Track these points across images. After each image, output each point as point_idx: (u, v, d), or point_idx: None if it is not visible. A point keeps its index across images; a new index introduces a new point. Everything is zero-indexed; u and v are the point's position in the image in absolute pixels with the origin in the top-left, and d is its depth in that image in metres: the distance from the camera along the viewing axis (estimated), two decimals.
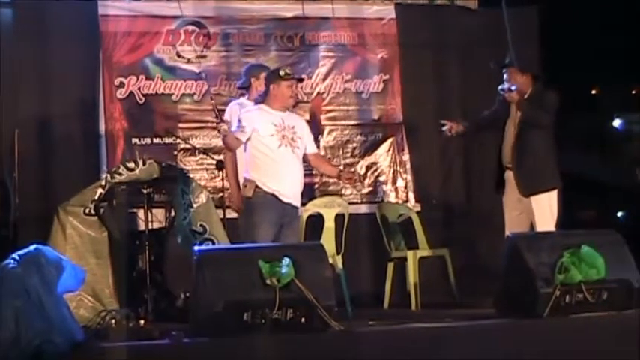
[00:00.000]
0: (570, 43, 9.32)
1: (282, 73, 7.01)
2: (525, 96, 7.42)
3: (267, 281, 5.68)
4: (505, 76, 7.45)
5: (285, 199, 6.92)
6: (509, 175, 7.43)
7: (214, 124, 7.50)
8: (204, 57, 8.71)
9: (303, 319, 5.75)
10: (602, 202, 9.98)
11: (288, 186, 6.94)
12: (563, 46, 9.34)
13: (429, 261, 8.11)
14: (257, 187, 6.85)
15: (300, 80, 7.47)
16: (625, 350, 5.66)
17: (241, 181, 7.09)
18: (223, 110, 8.65)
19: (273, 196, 6.87)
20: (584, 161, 9.98)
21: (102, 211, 7.33)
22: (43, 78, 8.26)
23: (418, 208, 8.91)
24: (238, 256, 5.96)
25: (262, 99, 7.05)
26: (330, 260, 6.44)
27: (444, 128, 7.54)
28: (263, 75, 7.25)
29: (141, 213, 7.46)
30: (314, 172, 8.55)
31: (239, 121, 6.94)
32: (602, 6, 9.18)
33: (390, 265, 8.16)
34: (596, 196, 9.92)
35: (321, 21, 9.01)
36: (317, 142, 8.46)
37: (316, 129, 8.48)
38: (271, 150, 6.88)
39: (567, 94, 9.43)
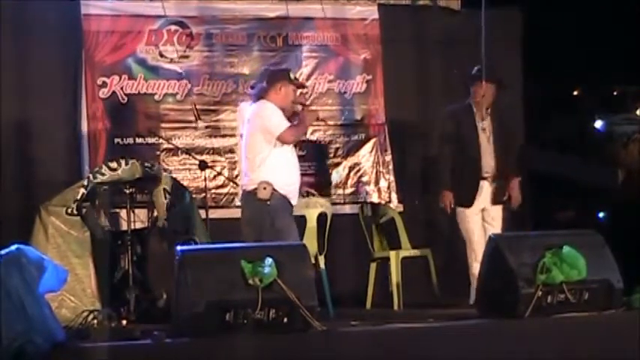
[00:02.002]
0: (553, 45, 9.35)
1: (292, 76, 7.10)
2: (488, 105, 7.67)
3: (250, 281, 5.68)
4: (471, 89, 7.59)
5: (294, 202, 6.98)
6: (483, 185, 7.60)
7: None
8: (186, 57, 8.70)
9: (285, 320, 5.76)
10: (584, 203, 10.00)
11: (297, 191, 7.02)
12: (545, 47, 9.37)
13: (411, 261, 8.12)
14: (274, 189, 6.82)
15: (301, 87, 7.45)
16: (606, 350, 5.69)
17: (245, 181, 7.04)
18: (207, 110, 8.70)
19: (286, 198, 6.89)
20: (566, 162, 10.01)
21: (84, 210, 7.32)
22: (25, 77, 8.22)
23: (401, 208, 8.93)
24: (220, 256, 5.96)
25: (261, 94, 7.04)
26: (312, 260, 6.45)
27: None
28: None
29: (123, 213, 7.46)
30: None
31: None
32: (584, 8, 9.21)
33: (373, 266, 8.17)
34: (577, 196, 9.95)
35: (303, 21, 9.01)
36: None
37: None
38: (287, 150, 6.92)
39: (550, 95, 9.49)
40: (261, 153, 6.86)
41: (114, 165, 7.41)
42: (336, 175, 9.00)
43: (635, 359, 5.56)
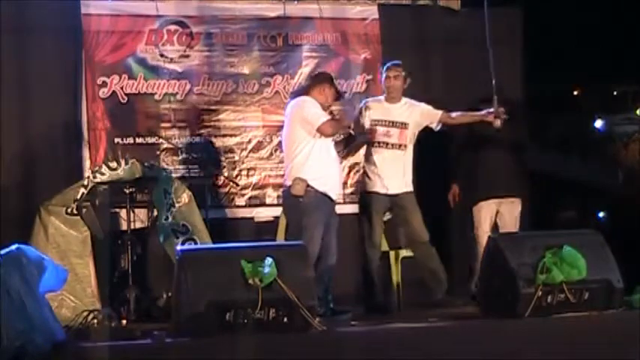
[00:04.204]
0: (553, 44, 9.35)
1: (335, 82, 7.43)
2: None
3: (250, 281, 5.69)
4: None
5: (334, 197, 7.11)
6: None
7: None
8: (186, 57, 8.69)
9: (285, 319, 5.77)
10: (584, 203, 10.02)
11: (337, 184, 7.17)
12: (546, 46, 9.37)
13: (411, 261, 8.10)
14: (308, 185, 6.93)
15: (341, 96, 7.60)
16: (606, 350, 5.68)
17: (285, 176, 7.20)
18: (207, 110, 8.68)
19: (325, 195, 6.95)
20: (566, 162, 10.01)
21: (84, 210, 7.32)
22: (25, 77, 8.22)
23: None
24: (220, 256, 5.98)
25: (303, 92, 7.24)
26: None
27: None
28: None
29: (123, 212, 7.46)
30: None
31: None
32: (585, 7, 9.21)
33: None
34: (577, 196, 9.96)
35: (304, 21, 9.00)
36: None
37: None
38: (324, 144, 7.07)
39: (550, 94, 9.47)
40: (300, 145, 7.04)
41: (114, 165, 7.41)
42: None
43: (635, 359, 5.56)
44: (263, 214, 8.65)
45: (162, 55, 8.63)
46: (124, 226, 7.43)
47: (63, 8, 8.38)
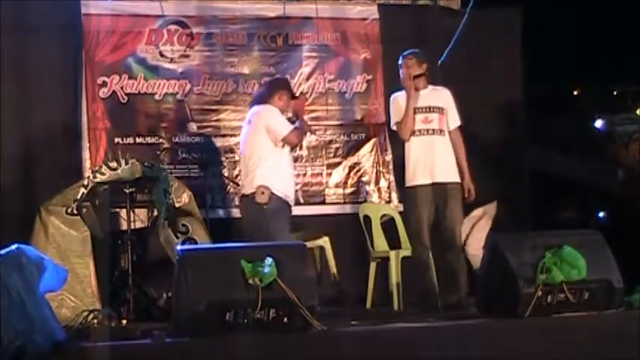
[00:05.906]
0: (553, 44, 9.35)
1: (291, 87, 7.55)
2: None
3: (250, 281, 5.69)
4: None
5: (292, 204, 7.11)
6: None
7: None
8: (187, 56, 8.70)
9: (285, 319, 5.77)
10: (584, 203, 10.01)
11: (293, 191, 7.19)
12: (545, 46, 9.37)
13: (411, 261, 8.10)
14: (272, 193, 6.93)
15: (295, 98, 7.54)
16: (606, 350, 5.68)
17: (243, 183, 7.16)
18: (207, 110, 8.69)
19: (285, 201, 6.96)
20: (566, 162, 10.01)
21: (84, 210, 7.32)
22: (25, 77, 8.22)
23: (401, 208, 8.90)
24: (220, 256, 5.97)
25: (264, 99, 7.20)
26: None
27: None
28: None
29: (123, 212, 7.46)
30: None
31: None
32: (585, 7, 9.22)
33: (373, 265, 8.16)
34: (577, 196, 9.96)
35: (304, 21, 9.01)
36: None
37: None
38: (286, 153, 7.11)
39: (549, 94, 9.47)
40: (263, 154, 6.99)
41: (114, 164, 7.42)
42: (336, 174, 9.00)
43: (635, 359, 5.56)
44: None
45: (162, 55, 8.64)
46: (124, 226, 7.43)
47: (63, 8, 8.38)
